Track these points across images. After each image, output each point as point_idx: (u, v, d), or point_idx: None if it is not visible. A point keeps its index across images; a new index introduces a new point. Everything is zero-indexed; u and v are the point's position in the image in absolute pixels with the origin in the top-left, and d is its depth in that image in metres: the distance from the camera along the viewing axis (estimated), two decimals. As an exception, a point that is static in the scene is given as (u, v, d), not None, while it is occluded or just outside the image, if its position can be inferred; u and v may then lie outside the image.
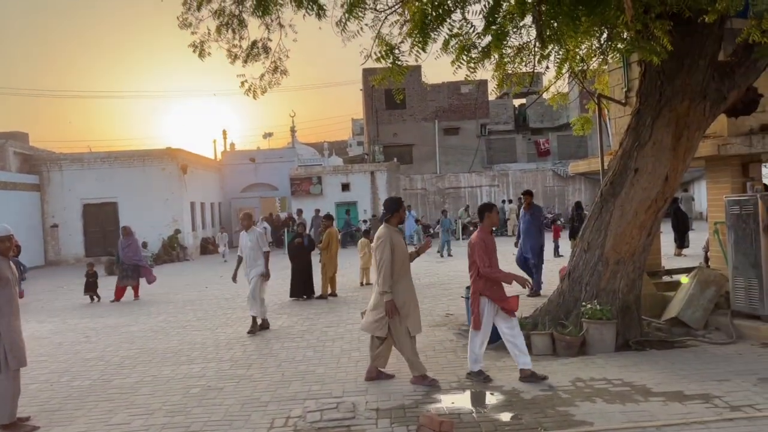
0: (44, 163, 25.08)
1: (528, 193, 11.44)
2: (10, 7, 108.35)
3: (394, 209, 6.10)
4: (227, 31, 8.13)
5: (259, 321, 9.15)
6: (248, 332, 8.90)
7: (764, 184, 8.14)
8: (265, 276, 9.25)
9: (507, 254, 13.87)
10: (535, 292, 10.46)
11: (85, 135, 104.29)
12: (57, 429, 5.24)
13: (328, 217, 13.34)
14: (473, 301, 6.09)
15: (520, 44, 6.45)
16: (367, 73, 34.05)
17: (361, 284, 13.71)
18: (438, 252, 19.80)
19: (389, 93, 31.66)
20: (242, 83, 8.47)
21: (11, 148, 24.10)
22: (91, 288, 13.52)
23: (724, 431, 4.37)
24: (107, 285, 14.37)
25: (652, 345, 6.93)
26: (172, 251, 23.98)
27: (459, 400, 5.41)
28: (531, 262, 11.09)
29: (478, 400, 5.43)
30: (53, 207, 24.74)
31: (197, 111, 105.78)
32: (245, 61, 8.30)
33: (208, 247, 27.27)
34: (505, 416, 4.95)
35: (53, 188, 24.85)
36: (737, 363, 6.07)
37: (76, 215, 24.71)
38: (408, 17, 6.08)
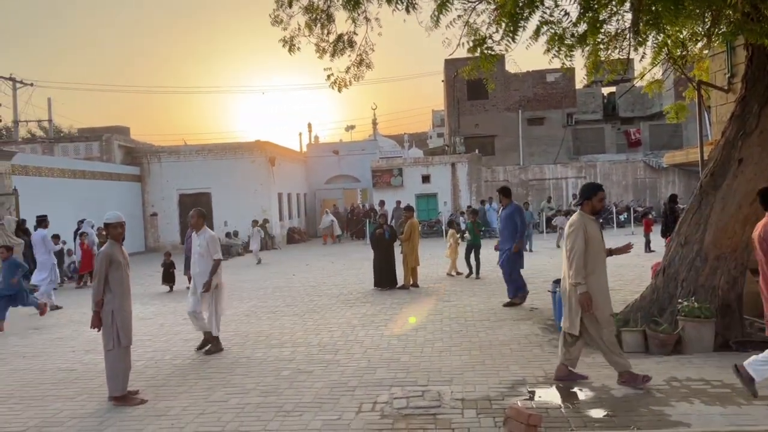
0: (144, 156, 26.73)
1: (503, 191, 10.32)
2: (107, 7, 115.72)
3: (587, 196, 5.56)
4: (316, 26, 8.35)
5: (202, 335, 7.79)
6: (198, 348, 7.69)
7: None
8: (206, 287, 7.47)
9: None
10: (513, 299, 9.79)
11: (180, 128, 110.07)
12: (163, 402, 5.63)
13: (409, 209, 13.43)
14: None
15: (616, 31, 6.22)
16: (449, 63, 33.81)
17: (448, 274, 13.76)
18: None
19: (471, 83, 31.26)
20: (328, 76, 8.69)
21: (116, 142, 25.87)
22: (168, 279, 13.64)
23: (839, 440, 4.08)
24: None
25: (755, 346, 6.49)
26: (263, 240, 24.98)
27: (546, 395, 5.34)
28: (503, 271, 10.02)
29: (567, 395, 5.34)
30: (153, 197, 26.36)
31: (285, 105, 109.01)
32: (332, 55, 8.50)
33: (294, 236, 28.18)
34: (596, 413, 4.84)
35: (153, 179, 26.46)
36: None
37: (173, 204, 26.21)
38: (498, 5, 6.00)
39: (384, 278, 12.22)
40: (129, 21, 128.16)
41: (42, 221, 13.31)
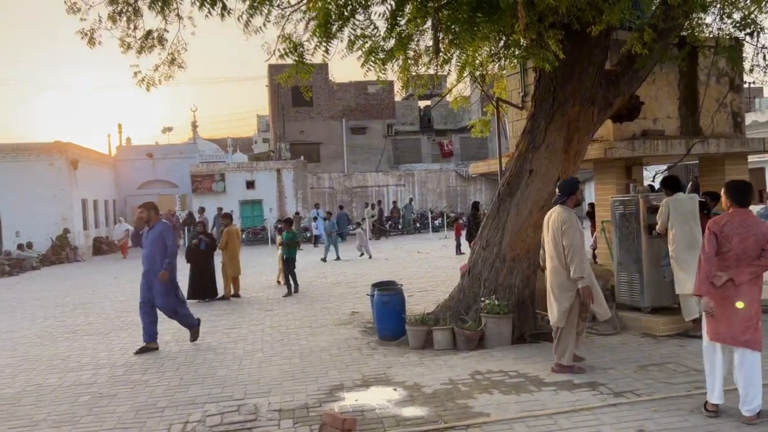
0: None
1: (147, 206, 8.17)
2: None
3: (571, 191, 5.76)
4: (121, 20, 7.72)
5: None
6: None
7: (648, 185, 8.81)
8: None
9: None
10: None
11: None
12: None
13: (226, 216, 12.98)
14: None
15: (422, 48, 6.60)
16: (273, 69, 33.47)
17: (278, 282, 13.26)
18: (322, 259, 18.04)
19: (296, 90, 31.26)
20: (135, 74, 8.09)
21: None
22: None
23: (609, 416, 4.68)
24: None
25: (546, 337, 7.28)
26: (61, 252, 22.43)
27: (362, 397, 5.45)
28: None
29: (381, 396, 5.49)
30: None
31: (91, 103, 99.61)
32: (139, 52, 7.93)
33: (101, 247, 25.74)
34: (407, 411, 5.04)
35: None
36: (621, 352, 6.52)
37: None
38: (311, 16, 6.04)
39: (201, 289, 11.65)
40: None
41: None
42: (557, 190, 6.02)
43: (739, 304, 4.42)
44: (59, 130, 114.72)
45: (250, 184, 29.37)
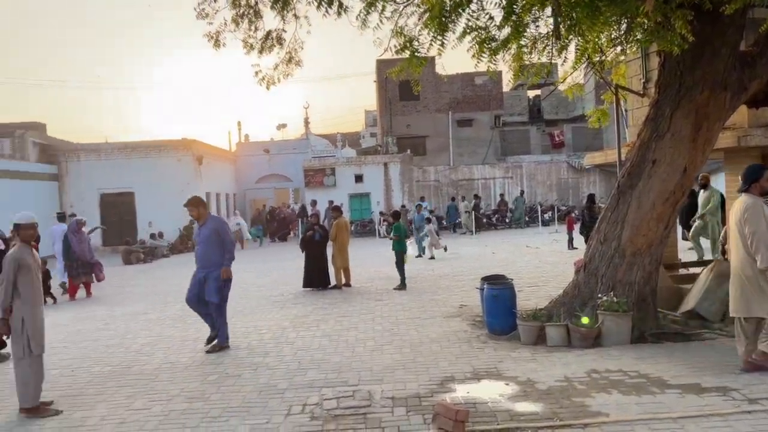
0: (62, 154, 25.38)
1: (193, 203, 7.76)
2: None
3: (753, 178, 5.45)
4: (243, 22, 8.19)
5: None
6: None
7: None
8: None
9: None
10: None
11: (101, 125, 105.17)
12: (79, 413, 5.34)
13: (336, 209, 13.36)
14: None
15: (538, 35, 6.41)
16: (381, 64, 33.95)
17: None
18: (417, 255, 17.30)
19: (403, 84, 31.53)
20: (256, 73, 8.54)
21: (30, 139, 24.40)
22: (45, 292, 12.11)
23: (743, 423, 4.35)
24: (119, 275, 14.49)
25: (669, 337, 6.90)
26: (188, 241, 24.18)
27: (474, 390, 5.44)
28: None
29: (493, 390, 5.45)
30: (71, 197, 25.04)
31: (214, 102, 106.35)
32: (260, 52, 8.36)
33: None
34: (520, 406, 4.96)
35: (71, 178, 25.15)
36: (755, 356, 6.02)
37: (94, 205, 24.99)
38: (426, 8, 6.06)
39: (315, 278, 12.12)
40: (41, 11, 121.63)
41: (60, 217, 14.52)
42: (740, 178, 5.61)
43: None
44: (185, 128, 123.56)
45: (359, 178, 30.06)
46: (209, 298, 7.45)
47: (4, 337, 5.48)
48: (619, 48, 7.65)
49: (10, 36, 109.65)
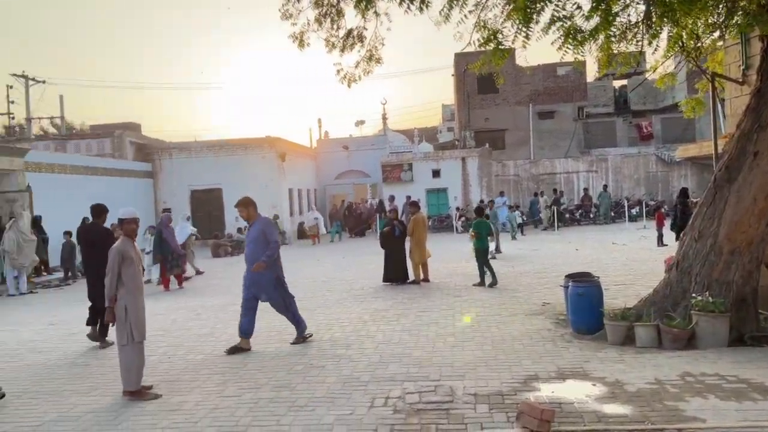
0: (156, 152, 26.85)
1: (243, 204, 7.75)
2: (116, 5, 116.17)
3: None
4: (326, 21, 8.35)
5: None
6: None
7: None
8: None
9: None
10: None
11: (188, 125, 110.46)
12: (176, 398, 5.67)
13: (414, 204, 13.36)
14: None
15: (628, 23, 6.15)
16: (460, 58, 33.65)
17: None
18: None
19: (481, 77, 31.05)
20: (338, 72, 8.70)
21: (127, 138, 26.01)
22: None
23: None
24: (208, 267, 15.13)
25: (771, 341, 6.47)
26: (271, 235, 25.04)
27: (559, 390, 5.32)
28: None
29: (579, 390, 5.32)
30: (164, 193, 26.48)
31: (295, 100, 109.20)
32: (342, 50, 8.50)
33: (304, 232, 28.19)
34: (608, 408, 4.82)
35: (164, 175, 26.58)
36: None
37: (185, 201, 26.31)
38: (509, 0, 5.97)
39: (394, 273, 12.22)
40: (138, 18, 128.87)
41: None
42: None
43: None
44: (268, 126, 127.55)
45: (436, 173, 29.97)
46: (265, 299, 7.57)
47: (111, 325, 5.87)
48: (716, 33, 7.20)
49: (103, 41, 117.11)
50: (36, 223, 15.97)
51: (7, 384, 6.47)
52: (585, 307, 7.32)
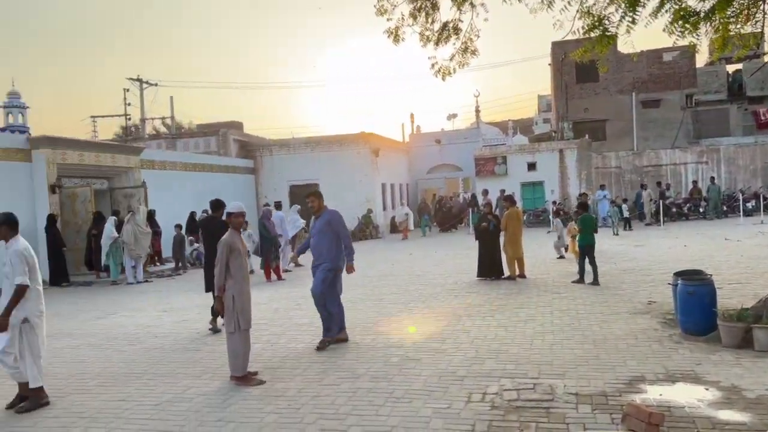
0: (257, 149, 28.06)
1: (314, 194, 7.68)
2: (221, 9, 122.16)
3: None
4: (420, 15, 8.37)
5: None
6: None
7: None
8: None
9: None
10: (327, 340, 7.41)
11: (286, 122, 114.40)
12: (279, 384, 5.92)
13: (508, 199, 13.11)
14: None
15: (748, 2, 5.70)
16: (557, 46, 32.54)
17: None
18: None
19: (580, 66, 29.85)
20: (432, 65, 8.68)
21: (231, 136, 27.38)
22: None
23: None
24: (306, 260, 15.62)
25: None
26: (366, 229, 25.49)
27: (668, 393, 5.05)
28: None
29: (690, 394, 5.02)
30: (265, 188, 27.63)
31: (388, 95, 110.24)
32: (437, 43, 8.49)
33: (396, 226, 28.43)
34: (723, 414, 4.51)
35: (265, 171, 27.75)
36: None
37: (284, 195, 27.31)
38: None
39: (489, 268, 12.06)
40: (233, 19, 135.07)
41: (277, 205, 16.53)
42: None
43: None
44: (362, 121, 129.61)
45: (531, 166, 29.17)
46: (312, 289, 7.41)
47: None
48: None
49: (214, 45, 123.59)
50: (150, 216, 17.17)
51: (129, 365, 7.04)
52: (696, 307, 6.88)
